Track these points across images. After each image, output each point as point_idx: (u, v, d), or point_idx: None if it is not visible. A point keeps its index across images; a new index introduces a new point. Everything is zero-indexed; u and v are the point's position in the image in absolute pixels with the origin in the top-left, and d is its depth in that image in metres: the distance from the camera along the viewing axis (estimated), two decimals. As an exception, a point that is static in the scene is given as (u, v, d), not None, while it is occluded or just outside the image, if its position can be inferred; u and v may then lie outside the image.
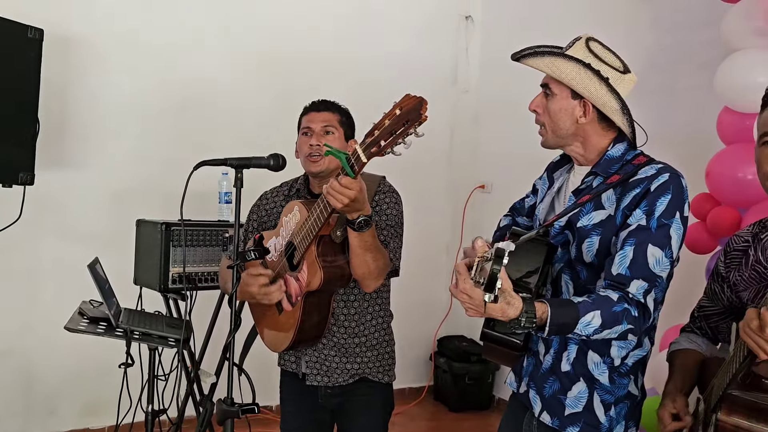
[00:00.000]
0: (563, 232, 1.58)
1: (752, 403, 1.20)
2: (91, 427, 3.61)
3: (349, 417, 2.03)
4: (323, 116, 2.04)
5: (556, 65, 1.54)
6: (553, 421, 1.56)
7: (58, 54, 3.25)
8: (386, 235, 1.95)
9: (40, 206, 3.25)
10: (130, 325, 2.09)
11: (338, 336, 1.98)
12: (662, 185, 1.45)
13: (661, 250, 1.42)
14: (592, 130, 1.57)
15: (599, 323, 1.37)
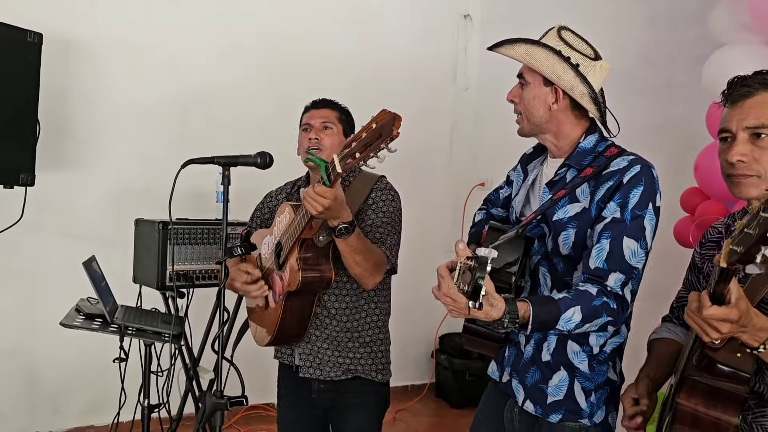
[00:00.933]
0: (539, 225, 1.61)
1: (710, 388, 1.23)
2: (95, 425, 3.65)
3: (342, 414, 2.05)
4: (322, 113, 2.10)
5: (528, 53, 1.58)
6: (536, 409, 1.59)
7: (58, 58, 3.30)
8: (382, 232, 1.97)
9: (41, 207, 3.30)
10: (126, 321, 2.13)
11: (330, 329, 2.00)
12: (634, 177, 1.47)
13: (636, 242, 1.45)
14: (565, 119, 1.60)
15: (580, 318, 1.40)
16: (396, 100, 4.49)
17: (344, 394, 2.02)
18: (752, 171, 1.29)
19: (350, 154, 1.57)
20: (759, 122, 1.28)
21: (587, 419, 1.56)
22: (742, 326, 1.12)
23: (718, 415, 1.22)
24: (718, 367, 1.21)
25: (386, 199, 2.01)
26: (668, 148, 3.33)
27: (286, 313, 1.92)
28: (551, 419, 1.57)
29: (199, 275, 2.81)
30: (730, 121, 1.33)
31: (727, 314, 1.09)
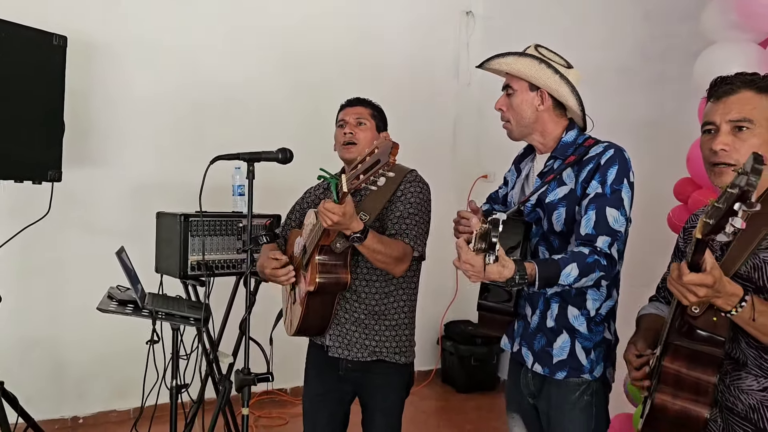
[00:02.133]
0: (535, 210, 1.86)
1: (691, 351, 1.38)
2: (118, 409, 3.82)
3: (369, 393, 2.21)
4: (356, 110, 2.25)
5: (514, 63, 1.84)
6: (544, 369, 1.84)
7: (80, 59, 3.44)
8: (408, 223, 2.11)
9: (67, 202, 3.43)
10: (155, 306, 2.29)
11: (359, 312, 2.15)
12: (610, 158, 1.74)
13: (617, 210, 1.71)
14: (549, 118, 1.86)
15: (577, 273, 1.63)
16: (400, 96, 4.69)
17: (370, 375, 2.18)
18: (732, 160, 1.43)
19: (355, 175, 1.76)
20: (741, 116, 1.43)
21: (588, 374, 1.80)
22: (717, 291, 1.26)
23: (698, 376, 1.37)
24: (698, 333, 1.36)
25: (414, 191, 2.16)
26: (662, 140, 3.47)
27: (308, 309, 2.10)
28: (557, 377, 1.81)
29: (218, 264, 2.95)
30: (714, 115, 1.48)
31: (702, 280, 1.23)
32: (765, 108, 1.42)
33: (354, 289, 2.15)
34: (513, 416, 2.03)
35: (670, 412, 1.39)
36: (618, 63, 3.84)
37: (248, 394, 1.98)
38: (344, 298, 2.15)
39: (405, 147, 3.09)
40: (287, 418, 3.98)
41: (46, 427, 3.35)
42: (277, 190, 2.98)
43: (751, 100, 1.43)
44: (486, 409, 4.33)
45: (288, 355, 2.91)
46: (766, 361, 1.41)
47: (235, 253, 2.98)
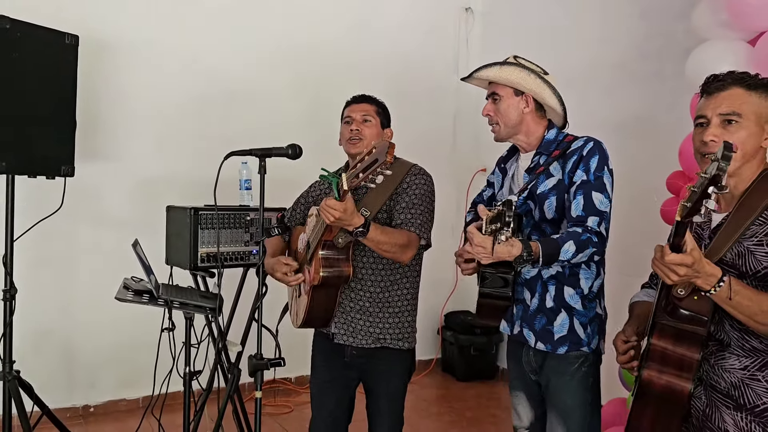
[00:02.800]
0: (526, 202, 2.03)
1: (676, 330, 1.49)
2: (128, 398, 3.92)
3: (373, 378, 2.31)
4: (362, 107, 2.35)
5: (501, 72, 2.05)
6: (547, 346, 2.00)
7: (89, 57, 3.52)
8: (414, 212, 2.21)
9: (78, 196, 3.51)
10: (169, 296, 2.38)
11: (364, 300, 2.25)
12: (591, 150, 1.95)
13: (601, 194, 1.91)
14: (532, 120, 2.06)
15: (574, 249, 1.83)
16: (401, 91, 4.79)
17: (374, 361, 2.28)
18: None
19: (355, 174, 1.85)
20: (730, 110, 1.54)
21: (586, 347, 1.99)
22: (696, 271, 1.36)
23: (683, 352, 1.48)
24: (681, 312, 1.47)
25: (419, 182, 2.26)
26: (657, 134, 3.57)
27: (313, 302, 2.20)
28: (559, 351, 1.99)
29: (226, 256, 3.05)
30: (706, 109, 1.59)
31: (682, 260, 1.34)
32: (753, 103, 1.53)
33: (360, 278, 2.24)
34: (516, 394, 2.18)
35: (657, 386, 1.50)
36: (614, 60, 3.93)
37: (261, 378, 2.08)
38: (350, 287, 2.24)
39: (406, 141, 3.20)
40: (292, 406, 4.09)
41: (58, 415, 3.44)
42: (281, 183, 3.06)
43: (741, 96, 1.54)
44: (485, 396, 4.43)
45: (293, 344, 3.00)
46: (747, 342, 1.52)
47: (243, 245, 3.07)
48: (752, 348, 1.51)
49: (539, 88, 2.03)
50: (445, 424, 3.92)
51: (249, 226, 3.09)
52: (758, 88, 1.54)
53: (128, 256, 2.53)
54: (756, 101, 1.54)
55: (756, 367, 1.50)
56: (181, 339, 2.68)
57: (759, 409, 1.49)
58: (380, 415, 2.31)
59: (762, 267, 1.47)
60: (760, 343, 1.50)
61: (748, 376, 1.51)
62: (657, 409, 1.54)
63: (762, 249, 1.48)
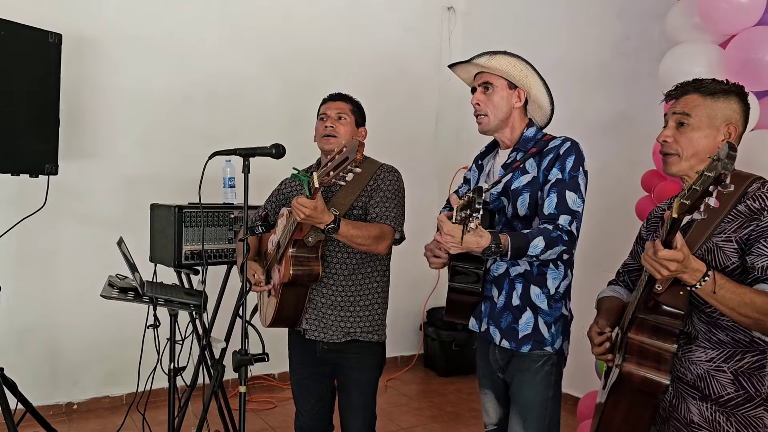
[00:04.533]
0: (499, 198, 2.04)
1: (654, 324, 1.55)
2: (111, 395, 3.93)
3: (345, 372, 2.36)
4: (337, 105, 2.39)
5: (499, 62, 2.03)
6: (511, 344, 2.01)
7: (73, 55, 3.52)
8: (387, 206, 2.27)
9: (62, 194, 3.53)
10: (154, 293, 2.41)
11: (336, 295, 2.30)
12: (567, 149, 1.97)
13: (575, 193, 1.92)
14: (518, 116, 2.08)
15: (543, 245, 1.83)
16: (385, 90, 4.83)
17: (345, 355, 2.33)
18: (673, 150, 1.65)
19: (326, 172, 1.90)
20: (682, 110, 1.64)
21: (550, 346, 2.00)
22: (684, 267, 1.42)
23: (659, 345, 1.55)
24: (662, 308, 1.54)
25: (389, 179, 2.32)
26: (633, 134, 3.65)
27: (283, 301, 2.25)
28: (523, 350, 2.00)
29: (211, 254, 3.08)
30: (668, 111, 1.70)
31: (674, 255, 1.40)
32: (706, 107, 1.63)
33: (332, 274, 2.29)
34: (485, 392, 2.20)
35: (636, 379, 1.56)
36: (592, 60, 4.01)
37: (245, 373, 2.12)
38: (322, 283, 2.29)
39: (389, 140, 3.25)
40: (275, 402, 4.12)
41: (42, 413, 3.44)
42: (265, 181, 3.10)
43: (695, 100, 1.64)
44: (466, 391, 4.50)
45: (275, 341, 3.03)
46: (714, 335, 1.59)
47: (227, 243, 3.10)
48: (718, 341, 1.58)
49: (536, 83, 2.04)
50: (426, 419, 3.98)
51: (233, 223, 3.12)
52: (716, 93, 1.64)
53: (112, 253, 2.56)
54: (710, 104, 1.63)
55: (722, 359, 1.58)
56: (165, 336, 2.71)
57: (723, 399, 1.57)
58: (352, 409, 2.35)
59: (731, 263, 1.55)
60: (726, 336, 1.57)
61: (714, 367, 1.58)
62: (632, 402, 1.60)
63: (731, 245, 1.55)
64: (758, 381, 1.55)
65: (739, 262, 1.55)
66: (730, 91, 1.65)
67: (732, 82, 1.67)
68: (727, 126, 1.63)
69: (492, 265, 2.04)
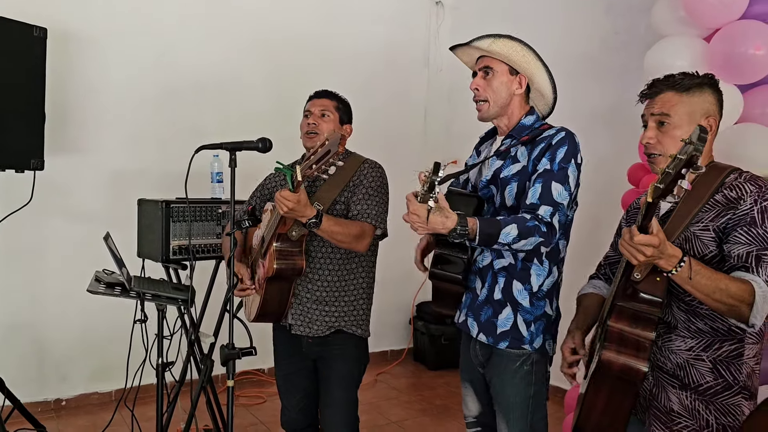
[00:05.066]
0: (489, 186, 1.99)
1: (633, 312, 1.56)
2: (100, 391, 3.92)
3: (327, 364, 2.35)
4: (321, 102, 2.39)
5: (501, 46, 1.95)
6: (489, 339, 1.97)
7: (59, 49, 3.50)
8: (369, 204, 2.27)
9: (48, 189, 3.51)
10: (141, 288, 2.41)
11: (320, 291, 2.30)
12: (560, 140, 1.89)
13: (562, 185, 1.85)
14: (518, 103, 2.01)
15: (516, 233, 1.76)
16: (374, 84, 4.83)
17: (329, 347, 2.33)
18: (657, 150, 1.67)
19: (308, 166, 1.90)
20: (660, 111, 1.65)
21: (528, 345, 1.94)
22: (660, 252, 1.43)
23: (638, 333, 1.56)
24: (640, 296, 1.55)
25: (374, 175, 2.32)
26: (620, 127, 3.67)
27: (267, 295, 2.25)
28: (500, 346, 1.95)
29: (199, 249, 3.08)
30: (645, 112, 1.71)
31: (650, 240, 1.41)
32: (684, 104, 1.64)
33: (317, 269, 2.29)
34: (465, 385, 2.17)
35: (615, 366, 1.57)
36: (580, 53, 4.02)
37: (233, 367, 2.12)
38: (306, 278, 2.29)
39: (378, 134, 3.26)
40: (265, 396, 4.12)
41: (30, 409, 3.44)
42: (253, 176, 3.09)
43: (672, 98, 1.65)
44: (455, 385, 4.50)
45: (264, 335, 3.02)
46: (693, 324, 1.61)
47: (215, 238, 3.10)
48: (698, 330, 1.60)
49: (538, 70, 1.96)
50: (416, 412, 3.99)
51: (221, 218, 3.12)
52: (690, 89, 1.65)
53: (99, 249, 2.54)
54: (687, 101, 1.64)
55: (701, 348, 1.60)
56: (153, 331, 2.70)
57: (702, 387, 1.59)
58: (333, 405, 2.32)
59: (709, 251, 1.57)
60: (705, 325, 1.60)
61: (693, 356, 1.60)
62: (612, 389, 1.61)
63: (708, 234, 1.57)
64: (736, 369, 1.58)
65: (716, 251, 1.57)
66: (703, 84, 1.66)
67: (702, 74, 1.68)
68: (707, 119, 1.65)
69: (478, 256, 2.01)
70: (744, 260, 1.51)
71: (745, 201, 1.54)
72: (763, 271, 1.49)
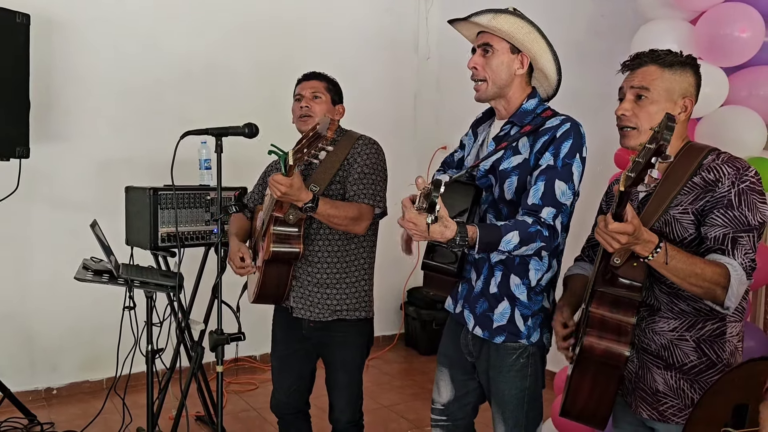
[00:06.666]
0: (487, 176, 1.91)
1: (613, 297, 1.57)
2: (91, 379, 3.92)
3: (330, 350, 2.36)
4: (312, 84, 2.35)
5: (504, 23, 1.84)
6: (484, 333, 1.91)
7: (43, 36, 3.47)
8: (366, 183, 2.24)
9: (35, 177, 3.50)
10: (129, 275, 2.40)
11: (321, 273, 2.29)
12: (565, 132, 1.78)
13: (566, 184, 1.76)
14: (519, 84, 1.89)
15: (518, 240, 1.68)
16: (363, 70, 4.79)
17: (331, 334, 2.32)
18: (632, 123, 1.66)
19: (300, 150, 1.88)
20: (640, 84, 1.64)
21: (525, 339, 1.88)
22: (636, 239, 1.44)
23: (619, 318, 1.57)
24: (619, 281, 1.56)
25: (368, 152, 2.28)
26: (606, 111, 3.66)
27: (266, 277, 2.25)
28: (496, 341, 1.89)
29: (188, 236, 3.07)
30: (624, 84, 1.70)
31: (624, 228, 1.40)
32: (665, 80, 1.63)
33: (316, 251, 2.28)
34: (441, 370, 2.10)
35: (597, 351, 1.58)
36: (567, 37, 4.00)
37: (222, 352, 2.12)
38: (306, 261, 2.28)
39: (368, 120, 3.25)
40: (257, 383, 4.14)
41: (21, 398, 3.44)
42: (243, 163, 3.08)
43: (654, 72, 1.64)
44: (447, 369, 4.55)
45: (257, 322, 3.04)
46: (676, 305, 1.62)
47: (204, 225, 3.09)
48: (680, 311, 1.62)
49: (542, 50, 1.85)
50: (407, 397, 4.02)
51: (209, 205, 3.11)
52: (673, 65, 1.64)
53: (87, 237, 2.53)
54: (669, 77, 1.63)
55: (684, 328, 1.61)
56: (143, 319, 2.70)
57: (687, 367, 1.61)
58: (338, 388, 2.36)
59: (688, 234, 1.58)
60: (688, 306, 1.61)
61: (677, 337, 1.62)
62: (596, 374, 1.62)
63: (687, 217, 1.58)
64: (719, 347, 1.59)
65: (696, 234, 1.58)
66: (686, 64, 1.65)
67: (686, 54, 1.68)
68: (684, 99, 1.64)
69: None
70: (720, 242, 1.52)
71: (723, 183, 1.54)
72: (738, 254, 1.50)
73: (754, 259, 1.53)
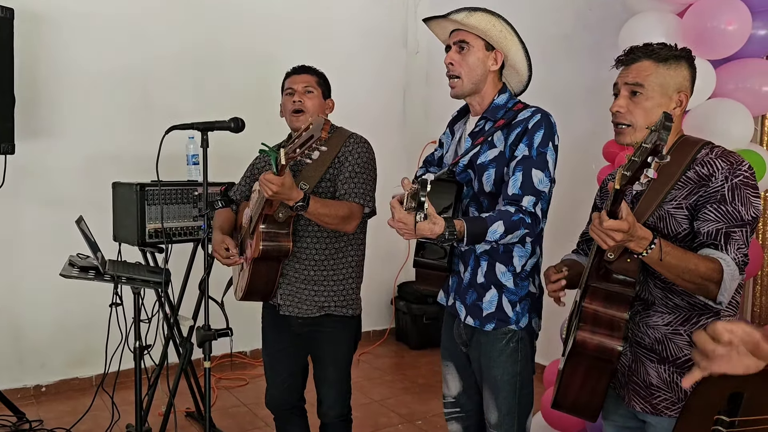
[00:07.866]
0: (466, 171, 1.96)
1: (607, 292, 1.57)
2: (80, 376, 3.90)
3: (319, 347, 2.35)
4: (303, 78, 2.32)
5: (479, 20, 1.89)
6: (475, 321, 1.97)
7: (27, 30, 3.43)
8: (356, 182, 2.23)
9: (21, 174, 3.47)
10: (116, 272, 2.39)
11: (309, 269, 2.28)
12: (536, 123, 1.85)
13: (542, 172, 1.83)
14: (492, 80, 1.95)
15: (503, 230, 1.75)
16: (351, 64, 4.77)
17: (319, 330, 2.32)
18: (627, 120, 1.64)
19: (292, 149, 1.87)
20: (635, 80, 1.62)
21: (514, 324, 1.94)
22: (630, 235, 1.43)
23: (612, 313, 1.56)
24: (613, 276, 1.55)
25: (360, 151, 2.27)
26: (596, 105, 3.67)
27: (254, 275, 2.23)
28: (487, 328, 1.95)
29: (175, 232, 3.05)
30: (619, 80, 1.68)
31: (619, 225, 1.40)
32: (660, 75, 1.62)
33: (305, 248, 2.27)
34: (447, 364, 2.16)
35: (590, 346, 1.58)
36: (556, 30, 4.01)
37: (209, 348, 2.12)
38: (295, 258, 2.27)
39: (357, 115, 3.24)
40: (247, 379, 4.13)
41: (9, 396, 3.42)
42: (230, 158, 3.06)
43: (648, 68, 1.62)
44: (437, 364, 4.44)
45: (247, 318, 3.03)
46: (671, 300, 1.62)
47: (192, 221, 3.07)
48: (675, 305, 1.62)
49: (515, 47, 1.92)
50: (398, 391, 4.02)
51: (197, 200, 3.09)
52: (668, 60, 1.62)
53: (74, 234, 2.51)
54: (663, 72, 1.62)
55: (678, 323, 1.61)
56: (131, 315, 2.69)
57: (680, 360, 1.61)
58: (327, 383, 2.36)
59: (682, 229, 1.57)
60: (682, 301, 1.61)
61: (671, 331, 1.62)
62: (588, 368, 1.62)
63: (681, 212, 1.57)
64: (714, 341, 1.59)
65: (690, 228, 1.57)
66: (680, 57, 1.64)
67: (681, 47, 1.67)
68: (679, 94, 1.64)
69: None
70: (713, 237, 1.52)
71: (717, 178, 1.54)
72: (731, 249, 1.50)
73: (747, 254, 1.53)
